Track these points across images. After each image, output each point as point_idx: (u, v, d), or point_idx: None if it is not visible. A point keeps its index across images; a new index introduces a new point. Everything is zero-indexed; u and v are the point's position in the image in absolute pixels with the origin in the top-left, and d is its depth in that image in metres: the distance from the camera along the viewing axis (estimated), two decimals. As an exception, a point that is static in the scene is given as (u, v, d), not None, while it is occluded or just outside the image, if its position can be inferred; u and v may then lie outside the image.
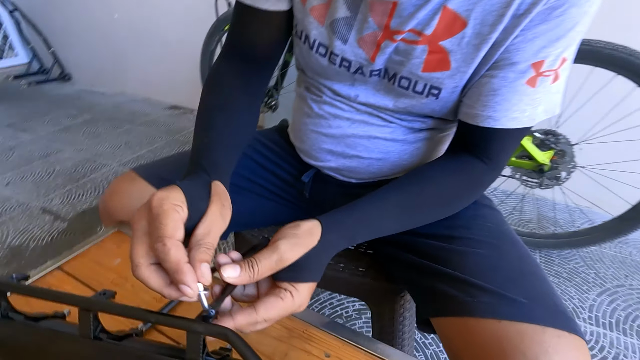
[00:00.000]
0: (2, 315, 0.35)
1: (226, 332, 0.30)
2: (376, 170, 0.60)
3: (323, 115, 0.59)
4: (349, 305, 1.17)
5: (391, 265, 0.61)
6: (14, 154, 2.08)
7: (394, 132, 0.56)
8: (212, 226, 0.34)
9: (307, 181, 0.68)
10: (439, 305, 0.46)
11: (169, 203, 0.32)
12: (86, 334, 0.33)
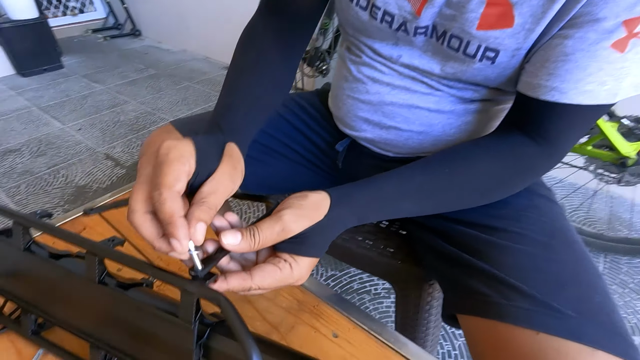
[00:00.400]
0: (24, 248, 0.37)
1: (219, 297, 0.28)
2: (416, 145, 0.53)
3: (361, 79, 0.53)
4: (379, 282, 1.14)
5: (422, 250, 0.55)
6: (87, 102, 2.26)
7: (439, 102, 0.49)
8: (218, 186, 0.32)
9: (340, 150, 0.63)
10: (467, 302, 0.41)
11: (176, 152, 0.30)
12: (91, 278, 0.34)
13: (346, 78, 0.56)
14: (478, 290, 0.40)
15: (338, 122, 0.63)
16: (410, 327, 0.67)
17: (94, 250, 0.32)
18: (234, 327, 0.27)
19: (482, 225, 0.45)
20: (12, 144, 1.85)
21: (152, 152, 0.31)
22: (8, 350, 0.39)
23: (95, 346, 0.36)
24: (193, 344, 0.30)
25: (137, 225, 0.29)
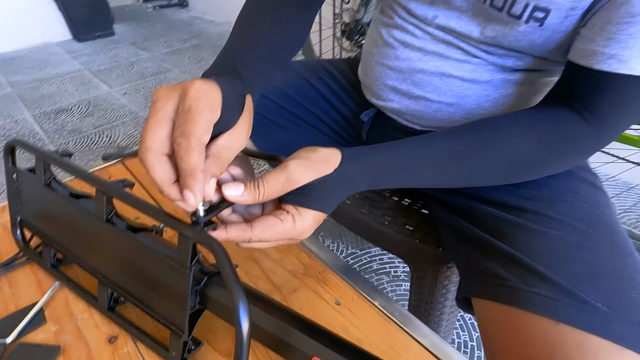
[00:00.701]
0: (45, 184, 0.38)
1: (213, 243, 0.28)
2: (445, 118, 0.49)
3: (391, 43, 0.49)
4: (400, 265, 1.11)
5: (442, 229, 0.52)
6: (133, 69, 2.35)
7: (475, 71, 0.44)
8: (234, 142, 0.31)
9: (365, 121, 0.60)
10: (482, 285, 0.38)
11: (206, 100, 0.27)
12: (100, 216, 0.34)
13: (376, 42, 0.52)
14: (495, 272, 0.36)
15: (365, 90, 0.60)
16: (424, 310, 0.64)
17: (102, 188, 0.33)
18: (224, 273, 0.26)
19: (510, 205, 0.41)
20: (64, 103, 1.97)
21: (174, 89, 0.28)
22: (30, 280, 0.42)
23: (103, 283, 0.37)
24: (189, 288, 0.30)
25: (150, 165, 0.27)
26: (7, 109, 1.92)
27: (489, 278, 0.37)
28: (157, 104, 0.28)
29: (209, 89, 0.28)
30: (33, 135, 1.71)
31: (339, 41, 1.71)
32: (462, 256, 0.44)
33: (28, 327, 0.37)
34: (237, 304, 0.25)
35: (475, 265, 0.40)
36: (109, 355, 0.35)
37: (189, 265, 0.30)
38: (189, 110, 0.27)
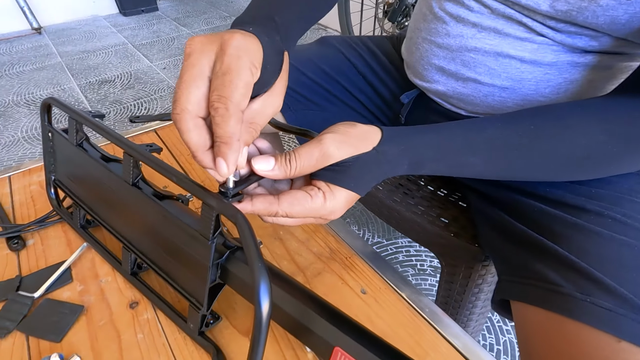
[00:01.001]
0: (77, 144, 0.38)
1: (237, 215, 0.26)
2: (496, 103, 0.44)
3: (442, 17, 0.44)
4: (427, 259, 1.07)
5: (482, 225, 0.48)
6: (174, 44, 2.39)
7: (538, 51, 0.39)
8: (269, 106, 0.28)
9: (405, 103, 0.56)
10: (529, 289, 0.34)
11: (247, 59, 0.24)
12: (127, 179, 0.34)
13: (425, 17, 0.48)
14: (546, 277, 0.32)
15: (408, 70, 0.56)
16: (452, 308, 0.61)
17: (129, 150, 0.32)
18: (247, 247, 0.24)
19: (567, 204, 0.37)
20: (108, 75, 2.04)
21: (212, 41, 0.25)
22: (60, 238, 0.43)
23: (127, 248, 0.37)
24: (210, 261, 0.29)
25: (185, 128, 0.24)
26: (56, 78, 2.02)
27: (537, 282, 0.33)
28: (192, 58, 0.25)
29: (250, 45, 0.25)
30: (78, 103, 1.79)
31: (380, 22, 1.64)
32: (504, 255, 0.41)
33: (55, 284, 0.37)
34: (258, 282, 0.23)
35: (521, 266, 0.36)
36: (129, 320, 0.35)
37: (211, 237, 0.28)
38: (228, 71, 0.24)
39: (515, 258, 0.38)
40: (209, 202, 0.27)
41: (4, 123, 1.65)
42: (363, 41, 0.66)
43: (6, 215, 0.45)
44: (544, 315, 0.31)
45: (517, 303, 0.35)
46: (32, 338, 0.33)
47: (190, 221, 0.31)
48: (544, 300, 0.32)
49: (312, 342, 0.27)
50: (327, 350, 0.27)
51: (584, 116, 0.33)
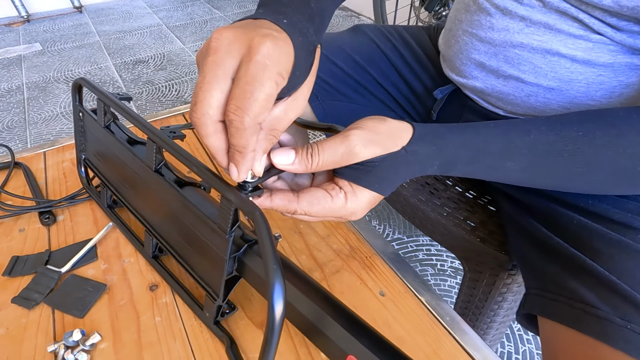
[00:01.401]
0: (105, 126, 0.39)
1: (255, 212, 0.25)
2: (539, 104, 0.41)
3: (487, 9, 0.41)
4: (448, 259, 1.04)
5: (513, 233, 0.45)
6: (207, 27, 2.41)
7: (593, 50, 0.36)
8: (292, 111, 0.26)
9: (439, 98, 0.54)
10: (564, 308, 0.31)
11: (275, 71, 0.22)
12: (149, 165, 0.34)
13: (467, 7, 0.45)
14: (582, 296, 0.30)
15: (444, 64, 0.53)
16: (472, 314, 0.59)
17: (151, 136, 0.32)
18: (262, 247, 0.23)
19: (610, 219, 0.34)
20: (142, 55, 2.09)
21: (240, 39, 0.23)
22: (88, 216, 0.44)
23: (149, 232, 0.37)
24: (227, 254, 0.29)
25: (205, 133, 0.24)
26: (93, 56, 2.09)
27: (571, 301, 0.31)
28: (217, 56, 0.23)
29: (281, 52, 0.23)
30: (113, 82, 1.84)
31: (416, 11, 1.58)
32: (535, 267, 0.38)
33: (81, 261, 0.39)
34: (272, 284, 0.22)
35: (553, 281, 0.34)
36: (149, 302, 0.35)
37: (229, 231, 0.28)
38: (251, 81, 0.22)
39: (547, 272, 0.36)
40: (227, 196, 0.27)
41: (44, 98, 1.73)
42: (398, 31, 0.63)
43: (40, 191, 0.47)
44: (576, 336, 0.29)
45: (547, 320, 0.33)
46: (57, 312, 0.35)
47: (210, 211, 0.31)
48: (578, 321, 0.29)
49: (326, 346, 0.26)
50: (340, 357, 0.26)
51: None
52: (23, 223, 0.43)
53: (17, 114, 1.62)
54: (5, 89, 1.79)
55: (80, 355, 0.31)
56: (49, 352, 0.32)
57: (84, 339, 0.32)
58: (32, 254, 0.40)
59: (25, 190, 0.47)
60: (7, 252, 0.40)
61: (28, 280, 0.37)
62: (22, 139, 1.48)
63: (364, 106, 0.63)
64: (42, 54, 2.11)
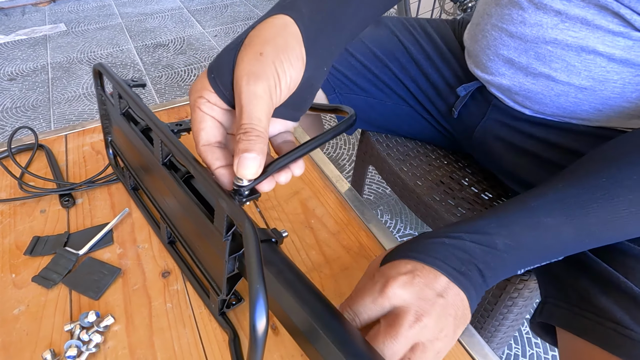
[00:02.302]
0: (121, 113, 0.39)
1: (245, 222, 0.23)
2: (570, 105, 0.40)
3: (519, 2, 0.39)
4: (459, 259, 1.03)
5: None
6: (227, 11, 2.40)
7: (632, 49, 0.34)
8: (241, 97, 0.24)
9: (462, 95, 0.52)
10: (590, 325, 0.30)
11: (191, 98, 0.26)
12: (158, 157, 0.34)
13: (497, 1, 0.43)
14: (613, 315, 0.29)
15: (469, 59, 0.51)
16: (480, 317, 0.58)
17: (155, 129, 0.31)
18: (248, 263, 0.22)
19: None
20: (163, 39, 2.10)
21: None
22: (106, 201, 0.45)
23: (163, 219, 0.38)
24: (225, 255, 0.29)
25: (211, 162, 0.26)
26: (115, 38, 2.11)
27: (600, 318, 0.30)
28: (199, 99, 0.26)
29: (199, 80, 0.26)
30: (134, 65, 1.87)
31: (440, 2, 1.53)
32: (555, 277, 0.37)
33: (98, 244, 0.40)
34: (254, 301, 0.20)
35: (578, 295, 0.33)
36: (160, 288, 0.36)
37: (224, 236, 0.27)
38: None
39: (572, 284, 0.34)
40: (220, 202, 0.25)
41: (67, 79, 1.77)
42: (420, 24, 0.61)
43: (60, 173, 0.48)
44: (604, 356, 0.29)
45: (570, 334, 0.32)
46: (74, 293, 0.36)
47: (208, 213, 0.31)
48: (607, 341, 0.29)
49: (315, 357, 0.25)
50: None
51: None
52: (44, 204, 0.44)
53: (41, 94, 1.67)
54: (31, 68, 1.84)
55: (95, 336, 0.32)
56: (65, 331, 0.33)
57: (98, 320, 0.33)
58: (52, 235, 0.41)
59: (47, 172, 0.49)
60: (29, 231, 0.41)
61: (47, 260, 0.38)
62: (45, 119, 1.52)
63: (381, 100, 0.62)
64: (66, 34, 2.15)
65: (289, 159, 0.27)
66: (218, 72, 0.25)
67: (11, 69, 1.83)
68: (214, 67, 0.25)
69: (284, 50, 0.24)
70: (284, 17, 0.25)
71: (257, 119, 0.23)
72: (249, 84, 0.23)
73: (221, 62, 0.25)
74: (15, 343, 0.32)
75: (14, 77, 1.78)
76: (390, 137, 0.68)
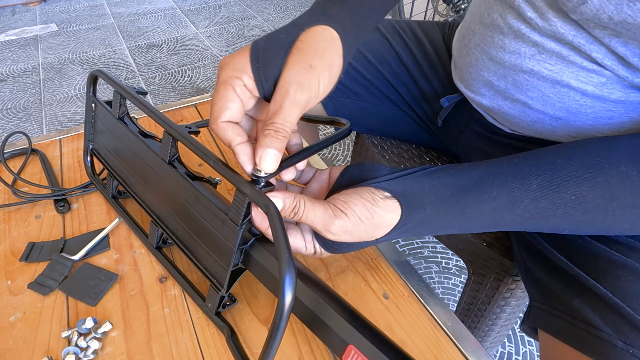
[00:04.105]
0: (118, 117, 0.39)
1: (270, 205, 0.26)
2: (545, 130, 0.40)
3: (500, 27, 0.38)
4: (453, 257, 1.04)
5: (517, 245, 0.45)
6: (220, 11, 2.39)
7: (605, 86, 0.34)
8: (284, 100, 0.26)
9: (445, 106, 0.52)
10: (563, 325, 0.32)
11: (225, 74, 0.27)
12: (164, 157, 0.34)
13: (482, 18, 0.42)
14: (584, 316, 0.30)
15: (455, 71, 0.51)
16: (474, 317, 0.59)
17: (170, 130, 0.33)
18: (276, 239, 0.25)
19: (614, 239, 0.34)
20: (156, 39, 2.09)
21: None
22: (101, 206, 0.45)
23: (155, 223, 0.38)
24: (235, 245, 0.30)
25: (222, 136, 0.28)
26: (108, 38, 2.09)
27: (574, 320, 0.31)
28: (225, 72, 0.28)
29: (232, 58, 0.28)
30: (127, 66, 1.85)
31: (434, 3, 1.54)
32: (538, 281, 0.38)
33: (94, 249, 0.40)
34: (283, 275, 0.23)
35: (556, 298, 0.34)
36: (158, 294, 0.37)
37: (240, 223, 0.29)
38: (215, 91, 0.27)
39: (551, 287, 0.36)
40: (243, 189, 0.28)
41: (59, 80, 1.75)
42: (411, 27, 0.61)
43: (55, 178, 0.48)
44: (577, 356, 0.30)
45: (547, 335, 0.33)
46: (71, 299, 0.36)
47: (220, 204, 0.32)
48: (579, 341, 0.30)
49: (327, 337, 0.28)
50: (341, 347, 0.27)
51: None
52: (39, 210, 0.44)
53: (32, 95, 1.65)
54: (22, 69, 1.82)
55: (92, 342, 0.32)
56: (62, 338, 0.33)
57: (96, 326, 0.33)
58: (47, 240, 0.41)
59: (41, 177, 0.48)
60: (24, 237, 0.41)
61: (43, 266, 0.38)
62: (37, 120, 1.51)
63: (373, 104, 0.62)
64: (57, 34, 2.12)
65: (297, 159, 0.31)
66: (264, 65, 0.27)
67: (1, 70, 1.81)
68: (260, 56, 0.27)
69: (329, 68, 0.28)
70: (330, 31, 0.29)
71: (291, 123, 0.26)
72: (296, 93, 0.26)
73: (269, 56, 0.27)
74: (12, 350, 0.32)
75: (4, 78, 1.76)
76: (385, 139, 0.68)
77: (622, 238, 0.33)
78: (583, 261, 0.34)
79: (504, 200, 0.28)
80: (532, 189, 0.27)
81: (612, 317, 0.29)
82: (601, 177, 0.26)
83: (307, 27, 0.28)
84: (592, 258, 0.33)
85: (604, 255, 0.33)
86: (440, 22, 0.63)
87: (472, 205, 0.28)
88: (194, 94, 1.67)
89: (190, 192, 0.33)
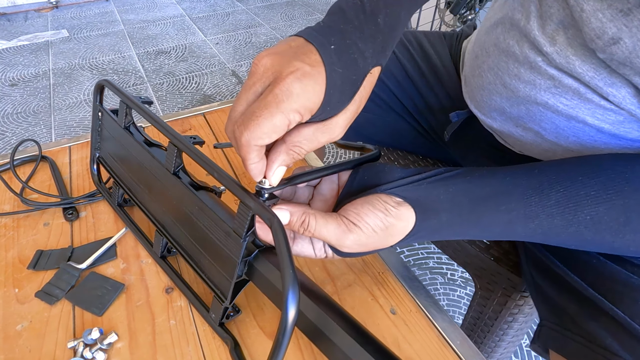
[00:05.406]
0: (124, 127, 0.40)
1: (273, 219, 0.26)
2: (557, 157, 0.39)
3: (516, 55, 0.36)
4: (459, 269, 1.03)
5: (526, 262, 0.45)
6: (228, 19, 2.42)
7: (622, 125, 0.33)
8: (322, 135, 0.27)
9: (454, 121, 0.51)
10: (583, 352, 0.31)
11: (290, 107, 0.23)
12: (168, 167, 0.35)
13: (497, 42, 0.39)
14: (601, 341, 0.30)
15: (466, 88, 0.48)
16: (481, 332, 0.58)
17: (175, 141, 0.33)
18: (280, 253, 0.25)
19: (629, 261, 0.33)
20: (165, 46, 2.12)
21: (272, 71, 0.24)
22: (109, 214, 0.45)
23: (160, 232, 0.38)
24: (239, 257, 0.30)
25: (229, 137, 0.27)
26: (117, 45, 2.12)
27: (590, 344, 0.30)
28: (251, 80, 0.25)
29: (304, 89, 0.23)
30: (135, 72, 1.88)
31: (441, 13, 1.55)
32: (548, 299, 0.38)
33: (101, 258, 0.40)
34: (287, 290, 0.23)
35: (571, 320, 0.33)
36: (164, 305, 0.36)
37: (244, 235, 0.29)
38: (263, 107, 0.23)
39: (564, 308, 0.35)
40: (247, 202, 0.28)
41: (69, 85, 1.77)
42: (417, 38, 0.61)
43: (64, 185, 0.48)
44: None
45: (561, 357, 0.32)
46: (78, 309, 0.36)
47: (224, 215, 0.32)
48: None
49: (331, 352, 0.28)
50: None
51: None
52: (48, 217, 0.45)
53: (42, 99, 1.67)
54: (32, 74, 1.84)
55: (98, 354, 0.32)
56: (68, 349, 0.33)
57: (102, 337, 0.33)
58: (55, 248, 0.41)
59: (51, 184, 0.49)
60: (32, 245, 0.42)
61: (51, 274, 0.38)
62: (46, 125, 1.53)
63: (379, 117, 0.62)
64: (68, 40, 2.16)
65: (311, 176, 0.31)
66: (333, 108, 0.26)
67: (13, 75, 1.84)
68: (333, 101, 0.25)
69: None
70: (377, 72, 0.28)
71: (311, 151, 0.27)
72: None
73: (336, 95, 0.25)
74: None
75: (15, 82, 1.78)
76: (392, 150, 0.68)
77: (638, 260, 0.33)
78: (598, 283, 0.33)
79: (520, 213, 0.28)
80: (550, 205, 0.27)
81: (631, 342, 0.28)
82: (619, 199, 0.26)
83: (372, 67, 0.27)
84: (608, 280, 0.33)
85: (620, 278, 0.32)
86: (448, 33, 0.63)
87: (487, 214, 0.28)
88: (200, 101, 1.68)
89: (194, 202, 0.33)
